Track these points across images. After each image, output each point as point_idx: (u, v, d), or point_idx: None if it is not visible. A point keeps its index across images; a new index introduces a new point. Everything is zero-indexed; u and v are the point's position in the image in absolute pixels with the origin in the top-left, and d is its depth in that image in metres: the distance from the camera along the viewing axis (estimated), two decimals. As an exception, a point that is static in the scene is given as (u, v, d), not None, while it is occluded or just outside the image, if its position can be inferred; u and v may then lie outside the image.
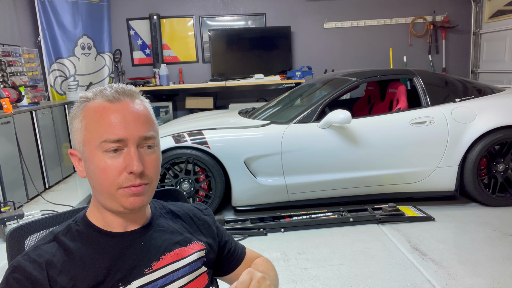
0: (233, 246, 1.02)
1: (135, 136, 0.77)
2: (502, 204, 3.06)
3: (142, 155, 0.78)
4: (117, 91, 0.79)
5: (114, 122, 0.76)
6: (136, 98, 0.82)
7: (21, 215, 2.84)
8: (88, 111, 0.78)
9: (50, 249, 0.77)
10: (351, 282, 2.15)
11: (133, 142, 0.77)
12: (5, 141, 3.32)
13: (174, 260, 0.84)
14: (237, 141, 2.97)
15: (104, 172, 0.76)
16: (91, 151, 0.77)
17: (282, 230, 2.82)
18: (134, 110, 0.79)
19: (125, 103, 0.79)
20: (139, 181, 0.77)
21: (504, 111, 3.00)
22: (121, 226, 0.82)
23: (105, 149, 0.76)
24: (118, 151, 0.76)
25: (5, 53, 4.08)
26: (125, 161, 0.76)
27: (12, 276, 0.72)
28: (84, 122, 0.78)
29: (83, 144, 0.79)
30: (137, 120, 0.78)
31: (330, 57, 5.93)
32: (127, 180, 0.76)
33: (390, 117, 3.04)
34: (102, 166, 0.76)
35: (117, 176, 0.76)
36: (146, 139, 0.79)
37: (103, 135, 0.76)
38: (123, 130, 0.76)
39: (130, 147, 0.77)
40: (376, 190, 3.09)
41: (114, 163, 0.76)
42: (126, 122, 0.77)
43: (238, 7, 5.79)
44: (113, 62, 5.67)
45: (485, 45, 5.62)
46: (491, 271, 2.18)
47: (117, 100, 0.78)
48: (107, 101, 0.78)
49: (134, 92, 0.82)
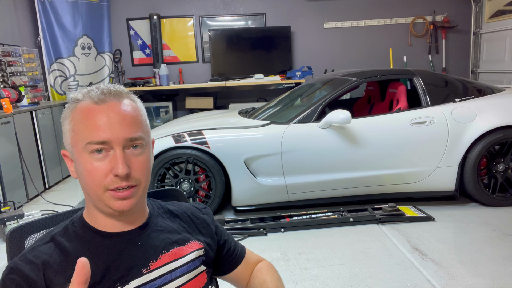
0: (232, 246, 1.01)
1: (120, 138, 0.76)
2: (502, 204, 3.06)
3: (129, 157, 0.77)
4: (103, 92, 0.78)
5: (99, 124, 0.75)
6: (124, 98, 0.80)
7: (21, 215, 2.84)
8: (76, 112, 0.78)
9: (46, 250, 0.77)
10: (351, 282, 2.15)
11: (118, 144, 0.76)
12: (5, 141, 3.32)
13: (172, 259, 0.84)
14: (237, 141, 2.97)
15: (90, 174, 0.76)
16: (78, 152, 0.77)
17: (282, 230, 2.82)
18: (120, 111, 0.77)
19: (111, 104, 0.77)
20: (125, 183, 0.76)
21: (504, 111, 3.00)
22: (116, 227, 0.82)
23: (90, 150, 0.75)
24: (104, 152, 0.76)
25: (5, 53, 4.08)
26: (111, 163, 0.75)
27: (8, 277, 0.72)
28: (72, 123, 0.78)
29: (72, 145, 0.79)
30: (123, 121, 0.77)
31: (330, 57, 5.93)
32: (113, 182, 0.75)
33: (390, 117, 3.04)
34: (89, 168, 0.76)
35: (103, 178, 0.75)
36: (132, 140, 0.77)
37: (87, 137, 0.75)
38: (107, 132, 0.75)
39: (116, 149, 0.75)
40: (376, 190, 3.09)
41: (100, 165, 0.75)
42: (110, 123, 0.75)
43: (238, 7, 5.79)
44: (113, 62, 5.67)
45: (485, 45, 5.62)
46: (491, 271, 2.18)
47: (102, 102, 0.77)
48: (93, 103, 0.77)
49: (121, 92, 0.80)
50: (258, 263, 1.04)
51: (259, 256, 1.07)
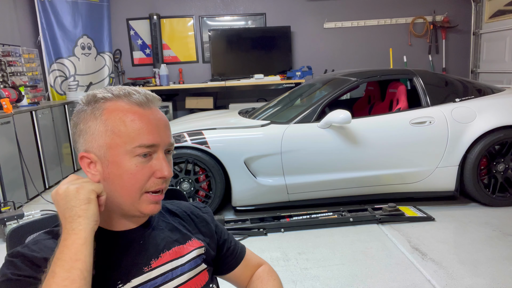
0: (232, 245, 1.01)
1: (166, 142, 0.80)
2: (502, 204, 3.06)
3: (167, 161, 0.81)
4: (146, 96, 0.80)
5: (149, 128, 0.77)
6: (159, 105, 0.84)
7: (21, 215, 2.84)
8: (114, 114, 0.77)
9: (50, 245, 0.76)
10: (351, 282, 2.15)
11: (163, 147, 0.79)
12: (5, 141, 3.32)
13: (173, 258, 0.85)
14: (237, 141, 2.97)
15: (134, 177, 0.77)
16: (118, 155, 0.76)
17: (282, 230, 2.82)
18: (163, 117, 0.82)
19: (155, 110, 0.81)
20: (165, 185, 0.81)
21: (504, 111, 3.00)
22: (120, 225, 0.83)
23: (137, 153, 0.76)
24: (147, 156, 0.78)
25: (5, 53, 4.08)
26: (155, 166, 0.78)
27: (10, 258, 0.71)
28: (110, 125, 0.76)
29: (108, 147, 0.77)
30: (166, 127, 0.81)
31: (330, 57, 5.93)
32: (155, 184, 0.79)
33: (390, 117, 3.04)
34: (133, 170, 0.76)
35: (146, 180, 0.78)
36: (171, 145, 0.82)
37: (137, 140, 0.76)
38: (156, 136, 0.78)
39: (159, 153, 0.79)
40: (376, 190, 3.09)
41: (144, 168, 0.77)
42: (158, 127, 0.79)
43: (238, 7, 5.79)
44: (113, 62, 5.67)
45: (485, 45, 5.62)
46: (491, 271, 2.18)
47: (147, 106, 0.79)
48: (136, 105, 0.78)
49: (159, 100, 0.84)
50: (258, 267, 1.03)
51: (260, 258, 1.06)
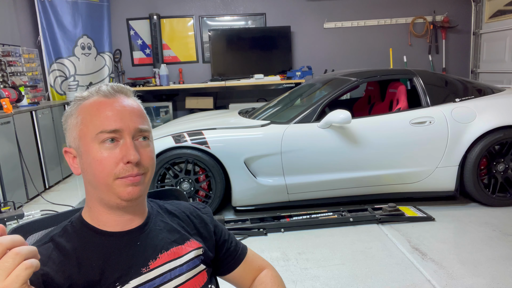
0: (232, 246, 1.01)
1: (131, 127, 0.80)
2: (502, 204, 3.06)
3: (138, 147, 0.81)
4: (112, 87, 0.83)
5: (110, 114, 0.79)
6: (130, 96, 0.86)
7: (21, 215, 2.85)
8: (84, 107, 0.81)
9: (45, 251, 0.76)
10: (351, 282, 2.15)
11: (129, 133, 0.79)
12: (5, 141, 3.32)
13: (171, 258, 0.84)
14: (237, 141, 2.97)
15: (101, 164, 0.77)
16: (87, 144, 0.79)
17: (282, 230, 2.82)
18: (129, 103, 0.83)
19: (121, 98, 0.83)
20: (136, 171, 0.79)
21: (504, 111, 3.00)
22: (117, 225, 0.82)
23: (102, 139, 0.78)
24: (114, 141, 0.78)
25: (5, 53, 4.08)
26: (122, 151, 0.78)
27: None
28: (80, 117, 0.80)
29: (79, 138, 0.80)
30: (132, 113, 0.81)
31: (330, 57, 5.93)
32: (124, 170, 0.78)
33: (390, 117, 3.04)
34: (99, 157, 0.77)
35: (114, 166, 0.77)
36: (141, 131, 0.81)
37: (99, 126, 0.78)
38: (119, 121, 0.79)
39: (126, 138, 0.79)
40: (376, 190, 3.09)
41: (111, 154, 0.78)
42: (121, 113, 0.80)
43: (238, 7, 5.79)
44: (113, 62, 5.67)
45: (485, 45, 5.62)
46: (491, 271, 2.18)
47: (112, 95, 0.82)
48: (103, 97, 0.82)
49: (129, 90, 0.86)
50: (261, 269, 1.02)
51: (264, 260, 1.04)
